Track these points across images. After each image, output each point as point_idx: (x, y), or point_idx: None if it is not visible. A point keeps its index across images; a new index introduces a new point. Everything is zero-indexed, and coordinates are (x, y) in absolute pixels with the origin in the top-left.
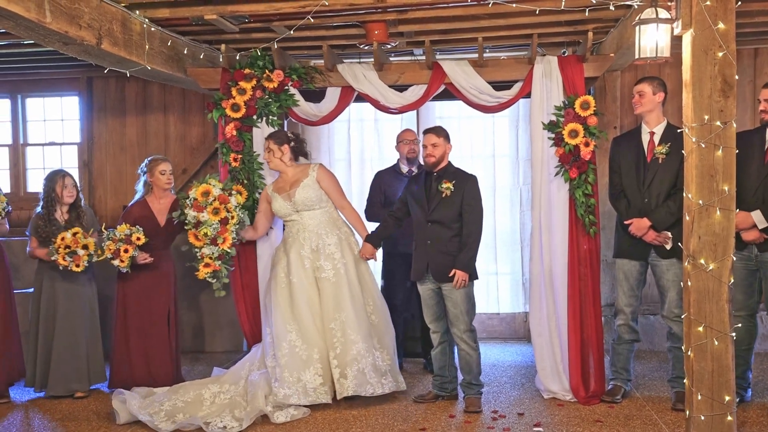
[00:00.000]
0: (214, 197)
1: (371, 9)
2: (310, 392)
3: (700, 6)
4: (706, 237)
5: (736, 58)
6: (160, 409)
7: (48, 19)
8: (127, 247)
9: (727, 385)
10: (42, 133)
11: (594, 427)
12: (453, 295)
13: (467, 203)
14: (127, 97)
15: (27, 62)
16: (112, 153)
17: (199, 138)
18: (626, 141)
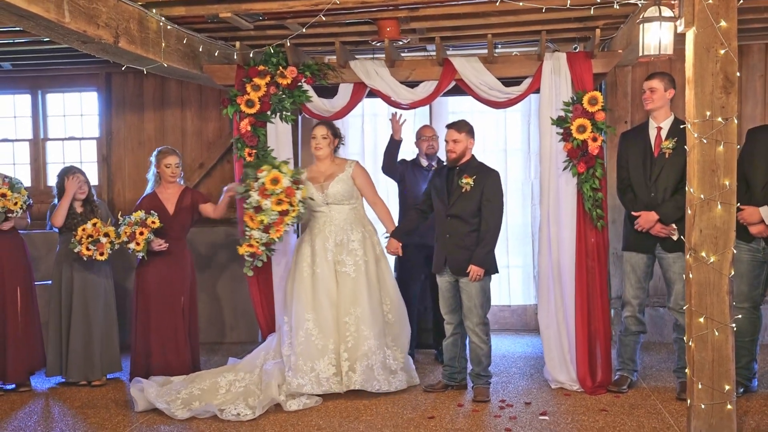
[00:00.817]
0: (282, 188)
1: (383, 6)
2: (323, 382)
3: (702, 4)
4: (707, 230)
5: (746, 53)
6: (176, 397)
7: (67, 18)
8: (142, 230)
9: (727, 375)
10: (62, 128)
11: (599, 416)
12: (468, 288)
13: (486, 198)
14: (145, 93)
15: (46, 58)
16: (130, 147)
17: (215, 133)
18: (634, 136)
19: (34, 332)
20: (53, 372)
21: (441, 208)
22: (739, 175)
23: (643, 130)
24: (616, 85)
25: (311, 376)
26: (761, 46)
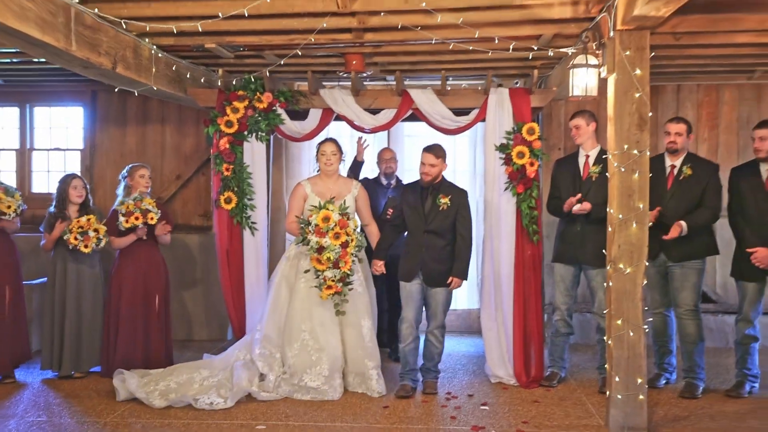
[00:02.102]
0: (334, 222)
1: (350, 43)
2: (311, 390)
3: (621, 55)
4: (624, 246)
5: (662, 92)
6: (155, 388)
7: (73, 47)
8: (138, 215)
9: (639, 370)
10: (47, 139)
11: (532, 406)
12: (438, 295)
13: (462, 216)
14: (128, 110)
15: (36, 75)
16: (112, 159)
17: (192, 148)
18: (566, 162)
19: (21, 328)
20: (47, 366)
21: (418, 224)
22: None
23: (574, 157)
24: (551, 116)
25: (300, 385)
26: (674, 87)
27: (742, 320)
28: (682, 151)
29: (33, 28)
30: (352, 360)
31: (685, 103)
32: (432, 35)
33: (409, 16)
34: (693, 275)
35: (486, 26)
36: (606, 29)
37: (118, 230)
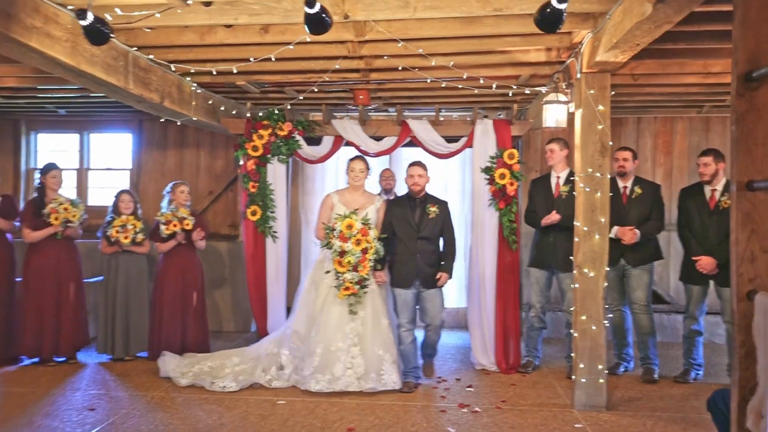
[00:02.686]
0: (357, 230)
1: (358, 81)
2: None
3: (586, 94)
4: (588, 253)
5: (624, 124)
6: (189, 369)
7: (130, 86)
8: (176, 222)
9: (600, 358)
10: (102, 160)
11: (510, 388)
12: (433, 297)
13: (447, 223)
14: (168, 136)
15: (92, 107)
16: (155, 178)
17: (222, 168)
18: (540, 182)
19: (81, 318)
20: (101, 350)
21: (410, 233)
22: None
23: (547, 178)
24: (530, 143)
25: (328, 379)
26: (634, 119)
27: (689, 318)
28: (630, 174)
29: (100, 71)
30: (369, 357)
31: (644, 133)
32: (427, 75)
33: (408, 60)
34: (645, 276)
35: (473, 68)
36: (574, 72)
37: (161, 237)
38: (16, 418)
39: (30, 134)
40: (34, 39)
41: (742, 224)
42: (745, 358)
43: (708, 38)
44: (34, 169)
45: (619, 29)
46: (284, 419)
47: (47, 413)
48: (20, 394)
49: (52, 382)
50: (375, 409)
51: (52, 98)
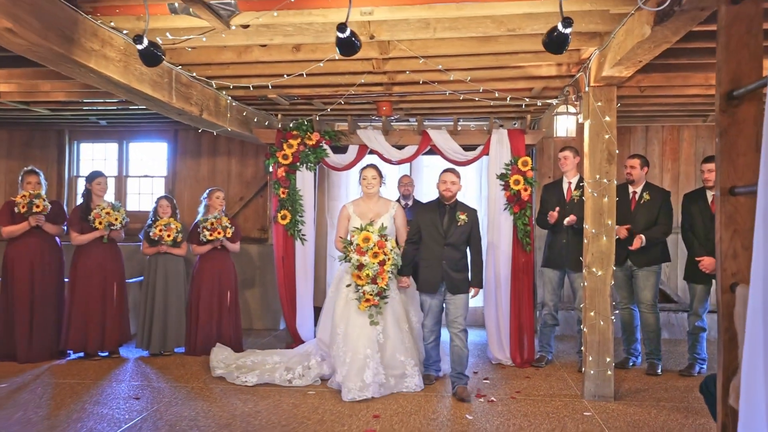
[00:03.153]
0: (373, 243)
1: (382, 94)
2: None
3: (594, 106)
4: (596, 254)
5: (633, 132)
6: (234, 362)
7: (174, 100)
8: (219, 230)
9: (607, 351)
10: (139, 168)
11: (524, 381)
12: (457, 302)
13: (475, 231)
14: (202, 145)
15: (131, 119)
16: (189, 184)
17: (252, 175)
18: (552, 187)
19: (124, 315)
20: (140, 345)
21: (437, 238)
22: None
23: (559, 183)
24: (543, 151)
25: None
26: (643, 127)
27: (693, 315)
28: (639, 180)
29: (148, 88)
30: (391, 363)
31: (652, 140)
32: (446, 88)
33: (428, 74)
34: (652, 277)
35: (489, 81)
36: (582, 85)
37: (199, 240)
38: (69, 406)
39: (73, 144)
40: (92, 60)
41: (725, 225)
42: (729, 343)
43: (707, 54)
44: (77, 176)
45: (623, 48)
46: (314, 407)
47: (97, 401)
48: (70, 384)
49: (98, 374)
50: (398, 399)
51: (95, 110)
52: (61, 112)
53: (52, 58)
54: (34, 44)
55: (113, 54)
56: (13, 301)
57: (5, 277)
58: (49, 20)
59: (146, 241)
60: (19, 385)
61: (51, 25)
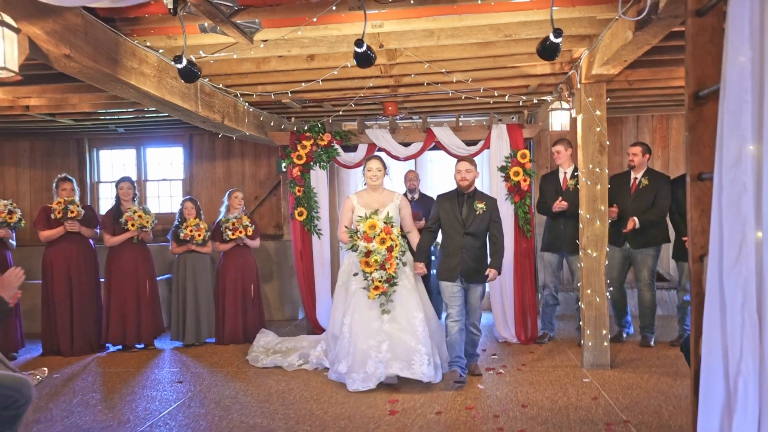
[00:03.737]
0: (380, 229)
1: (388, 95)
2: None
3: (585, 101)
4: (591, 237)
5: (624, 122)
6: (273, 347)
7: (199, 109)
8: (241, 230)
9: (604, 324)
10: (157, 172)
11: (528, 355)
12: (475, 291)
13: (495, 220)
14: (216, 148)
15: (147, 125)
16: (205, 186)
17: (266, 175)
18: (549, 177)
19: (157, 309)
20: (174, 337)
21: (457, 227)
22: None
23: (555, 173)
24: (540, 143)
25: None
26: (634, 117)
27: (681, 290)
28: (641, 166)
29: (178, 99)
30: (397, 349)
31: (642, 129)
32: (448, 89)
33: (432, 77)
34: (649, 259)
35: (488, 80)
36: (575, 82)
37: (222, 239)
38: (120, 391)
39: (92, 151)
40: (132, 78)
41: (695, 206)
42: (699, 305)
43: None
44: (98, 182)
45: (609, 49)
46: (341, 384)
47: (144, 386)
48: (116, 373)
49: (139, 363)
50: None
51: (113, 119)
52: (83, 122)
53: (100, 77)
54: (86, 67)
55: (149, 71)
56: (53, 300)
57: (45, 278)
58: (97, 45)
59: (174, 241)
60: (69, 375)
61: (99, 48)
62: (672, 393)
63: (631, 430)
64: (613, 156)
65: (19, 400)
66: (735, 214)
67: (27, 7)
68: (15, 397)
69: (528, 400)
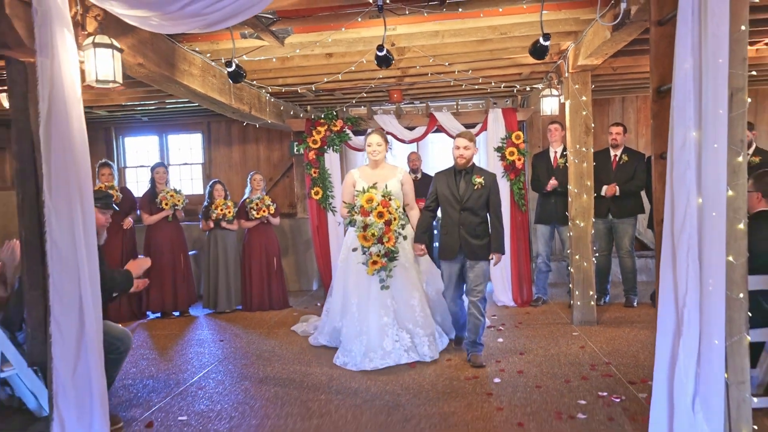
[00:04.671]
0: (377, 202)
1: (393, 84)
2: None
3: (572, 88)
4: (578, 209)
5: (611, 103)
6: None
7: (232, 101)
8: (264, 209)
9: (590, 286)
10: (178, 157)
11: (525, 316)
12: (477, 269)
13: (493, 195)
14: (232, 134)
15: (169, 114)
16: (223, 169)
17: (279, 158)
18: (541, 156)
19: (191, 280)
20: (206, 305)
21: (453, 203)
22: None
23: (546, 152)
24: (533, 125)
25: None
26: (619, 98)
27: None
28: (621, 144)
29: (216, 94)
30: (400, 331)
31: (628, 109)
32: (450, 78)
33: (435, 68)
34: (629, 228)
35: (486, 70)
36: (563, 71)
37: (247, 217)
38: (171, 348)
39: (119, 138)
40: (185, 78)
41: (658, 180)
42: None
43: None
44: (125, 167)
45: (592, 44)
46: None
47: (191, 344)
48: (162, 335)
49: (180, 328)
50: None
51: (138, 109)
52: (114, 113)
53: (161, 79)
54: (153, 72)
55: (196, 71)
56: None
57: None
58: (160, 53)
59: (205, 219)
60: None
61: (161, 56)
62: (649, 341)
63: (612, 370)
64: (600, 135)
65: (119, 347)
66: (681, 186)
67: (116, 28)
68: (116, 345)
69: (525, 349)
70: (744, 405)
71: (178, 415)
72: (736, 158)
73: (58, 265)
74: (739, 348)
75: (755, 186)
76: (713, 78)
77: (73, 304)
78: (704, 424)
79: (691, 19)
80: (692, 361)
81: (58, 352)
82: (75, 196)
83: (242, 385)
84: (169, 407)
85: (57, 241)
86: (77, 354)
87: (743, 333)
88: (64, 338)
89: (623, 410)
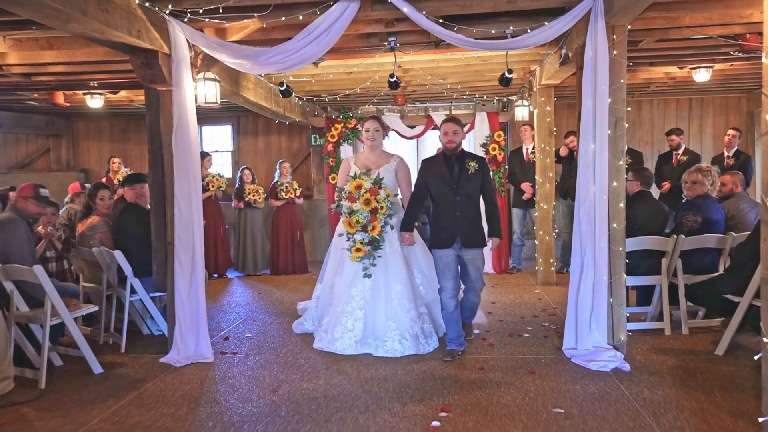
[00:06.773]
0: (365, 190)
1: (397, 91)
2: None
3: (539, 100)
4: (543, 194)
5: (574, 108)
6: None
7: (270, 105)
8: (291, 192)
9: (551, 255)
10: (211, 145)
11: (501, 280)
12: (476, 259)
13: (487, 179)
14: (258, 126)
15: (206, 109)
16: (249, 156)
17: (298, 148)
18: (516, 152)
19: (227, 249)
20: (237, 269)
21: (448, 191)
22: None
23: (520, 149)
24: (513, 125)
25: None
26: None
27: None
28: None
29: (263, 101)
30: (371, 322)
31: None
32: (444, 88)
33: (432, 80)
34: None
35: (474, 82)
36: (532, 86)
37: (277, 197)
38: (217, 302)
39: None
40: (245, 92)
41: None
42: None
43: None
44: None
45: (550, 71)
46: None
47: (231, 297)
48: (210, 290)
49: (220, 287)
50: None
51: None
52: None
53: (230, 94)
54: (226, 89)
55: (251, 86)
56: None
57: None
58: (231, 73)
59: (236, 200)
60: None
61: (232, 76)
62: None
63: (557, 312)
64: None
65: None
66: (585, 179)
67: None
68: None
69: (496, 300)
70: (621, 319)
71: (245, 333)
72: (618, 162)
73: (180, 222)
74: (619, 282)
75: (635, 177)
76: (601, 113)
77: (188, 247)
78: (596, 333)
79: (591, 74)
80: (589, 292)
81: (179, 280)
82: (191, 178)
83: (284, 319)
84: (236, 330)
85: (181, 206)
86: (190, 281)
87: (621, 273)
88: (183, 270)
89: (555, 332)
